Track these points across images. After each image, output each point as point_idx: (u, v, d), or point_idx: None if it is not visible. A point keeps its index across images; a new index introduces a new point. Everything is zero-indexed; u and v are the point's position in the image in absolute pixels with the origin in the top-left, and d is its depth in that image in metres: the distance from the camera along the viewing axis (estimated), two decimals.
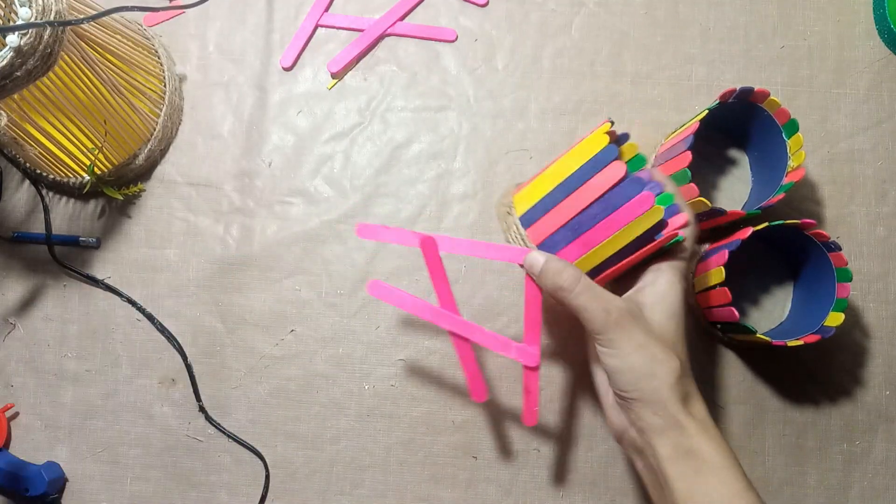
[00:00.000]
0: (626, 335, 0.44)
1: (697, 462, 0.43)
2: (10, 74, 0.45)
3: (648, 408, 0.44)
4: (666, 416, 0.43)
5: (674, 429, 0.43)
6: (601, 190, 0.46)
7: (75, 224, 0.63)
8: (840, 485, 0.59)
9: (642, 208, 0.44)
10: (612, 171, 0.45)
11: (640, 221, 0.45)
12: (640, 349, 0.44)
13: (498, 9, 0.66)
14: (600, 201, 0.46)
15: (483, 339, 0.50)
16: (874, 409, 0.60)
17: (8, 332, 0.62)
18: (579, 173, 0.47)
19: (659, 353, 0.44)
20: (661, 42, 0.65)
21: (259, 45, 0.66)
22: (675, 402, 0.43)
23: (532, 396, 0.51)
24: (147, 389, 0.61)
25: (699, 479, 0.42)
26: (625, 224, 0.45)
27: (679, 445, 0.43)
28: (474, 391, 0.52)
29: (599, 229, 0.46)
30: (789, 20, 0.65)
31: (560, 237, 0.47)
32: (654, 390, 0.43)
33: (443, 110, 0.65)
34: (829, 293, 0.54)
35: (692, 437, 0.43)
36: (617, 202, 0.45)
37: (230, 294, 0.62)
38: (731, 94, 0.55)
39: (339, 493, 0.60)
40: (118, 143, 0.59)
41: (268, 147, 0.64)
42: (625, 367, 0.44)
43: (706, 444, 0.43)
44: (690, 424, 0.43)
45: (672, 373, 0.43)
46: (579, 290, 0.45)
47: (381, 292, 0.51)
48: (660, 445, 0.43)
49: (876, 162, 0.63)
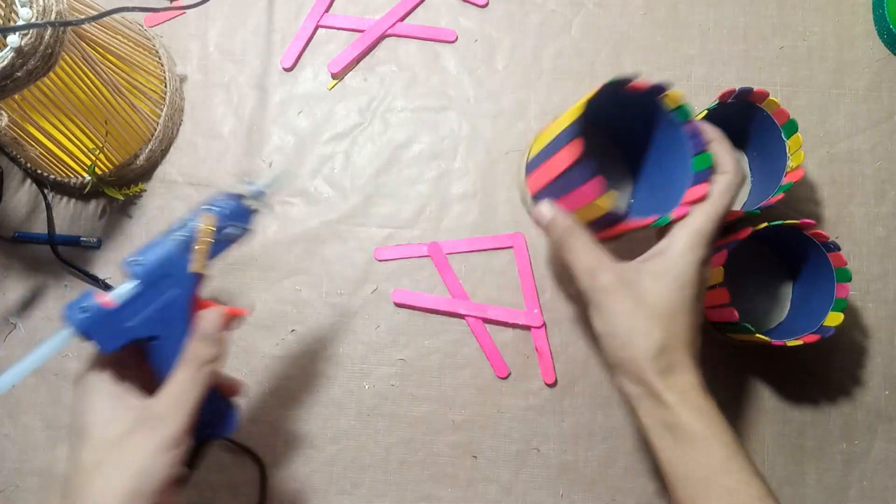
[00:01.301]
0: (610, 300, 0.44)
1: (677, 434, 0.42)
2: (10, 75, 0.45)
3: (626, 376, 0.44)
4: (644, 387, 0.43)
5: (651, 399, 0.43)
6: (560, 168, 0.45)
7: (76, 224, 0.63)
8: (839, 484, 0.59)
9: (593, 194, 0.44)
10: (568, 151, 0.44)
11: (592, 206, 0.45)
12: (623, 315, 0.43)
13: (498, 9, 0.66)
14: (562, 177, 0.46)
15: (495, 315, 0.60)
16: (873, 408, 0.60)
17: (9, 332, 0.62)
18: (554, 142, 0.47)
19: (641, 324, 0.43)
20: (660, 42, 0.65)
21: (260, 45, 0.66)
22: (654, 374, 0.42)
23: (545, 355, 0.60)
24: None
25: (679, 450, 0.43)
26: (580, 205, 0.45)
27: (658, 417, 0.43)
28: (496, 367, 0.60)
29: (568, 201, 0.47)
30: (789, 20, 0.66)
31: (545, 194, 0.48)
32: (630, 360, 0.43)
33: (443, 110, 0.65)
34: (828, 293, 0.54)
35: (670, 408, 0.42)
36: (573, 182, 0.45)
37: (230, 294, 0.62)
38: (730, 94, 0.55)
39: (339, 492, 0.60)
40: (119, 143, 0.59)
41: (268, 147, 0.64)
42: (605, 332, 0.44)
43: (687, 416, 0.42)
44: (670, 397, 0.42)
45: (653, 345, 0.43)
46: (576, 244, 0.45)
47: (404, 298, 0.61)
48: (641, 415, 0.44)
49: (875, 162, 0.63)
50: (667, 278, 0.44)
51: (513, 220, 0.62)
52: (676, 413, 0.42)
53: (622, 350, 0.44)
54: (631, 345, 0.43)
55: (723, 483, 0.41)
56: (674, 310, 0.44)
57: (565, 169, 0.45)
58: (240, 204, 0.45)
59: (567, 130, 0.45)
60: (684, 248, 0.44)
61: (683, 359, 0.44)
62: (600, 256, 0.45)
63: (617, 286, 0.44)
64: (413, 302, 0.61)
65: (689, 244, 0.44)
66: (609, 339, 0.44)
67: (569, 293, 0.61)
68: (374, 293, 0.62)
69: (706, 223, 0.44)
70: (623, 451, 0.59)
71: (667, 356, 0.43)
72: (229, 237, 0.45)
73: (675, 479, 0.43)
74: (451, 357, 0.61)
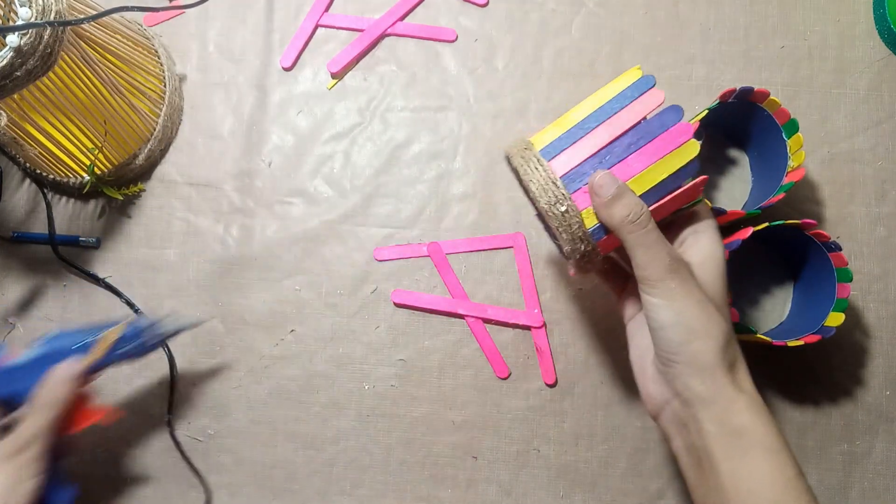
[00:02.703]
0: (685, 286, 0.40)
1: (746, 441, 0.39)
2: (10, 74, 0.45)
3: (696, 374, 0.40)
4: (714, 386, 0.40)
5: (721, 401, 0.40)
6: (640, 115, 0.42)
7: (75, 224, 0.63)
8: (840, 485, 0.59)
9: (682, 137, 0.41)
10: (651, 96, 0.43)
11: (678, 153, 0.42)
12: (697, 304, 0.40)
13: (498, 9, 0.66)
14: (637, 129, 0.43)
15: (495, 315, 0.60)
16: (874, 409, 0.60)
17: (8, 332, 0.62)
18: (614, 101, 0.44)
19: (714, 312, 0.40)
20: (661, 42, 0.65)
21: (259, 45, 0.66)
22: (723, 370, 0.40)
23: (545, 355, 0.59)
24: (147, 389, 0.61)
25: (747, 460, 0.39)
26: (663, 155, 0.42)
27: (726, 422, 0.39)
28: (496, 368, 0.59)
29: (633, 160, 0.42)
30: (789, 20, 0.65)
31: (588, 167, 0.43)
32: (703, 352, 0.40)
33: (443, 110, 0.65)
34: (829, 293, 0.54)
35: (741, 412, 0.39)
36: (655, 130, 0.42)
37: (230, 294, 0.62)
38: (731, 93, 0.55)
39: (339, 492, 0.59)
40: (118, 143, 0.59)
41: (268, 147, 0.64)
42: (678, 322, 0.40)
43: (756, 423, 0.39)
44: (739, 399, 0.39)
45: (724, 334, 0.40)
46: (651, 226, 0.41)
47: (403, 298, 0.60)
48: (706, 420, 0.40)
49: (876, 162, 0.63)
50: (712, 267, 0.43)
51: (513, 220, 0.62)
52: (747, 419, 0.39)
53: (696, 341, 0.40)
54: (705, 334, 0.40)
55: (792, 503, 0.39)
56: (722, 300, 0.43)
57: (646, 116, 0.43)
58: (142, 335, 0.52)
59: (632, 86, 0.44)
60: (714, 238, 0.44)
61: (740, 352, 0.42)
62: (669, 246, 0.42)
63: (689, 275, 0.41)
64: (413, 302, 0.61)
65: (716, 236, 0.44)
66: (678, 331, 0.40)
67: (574, 289, 0.61)
68: (373, 293, 0.62)
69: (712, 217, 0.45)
70: (624, 451, 0.59)
71: (731, 349, 0.41)
72: (122, 355, 0.51)
73: (735, 493, 0.39)
74: (451, 357, 0.61)
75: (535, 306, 0.60)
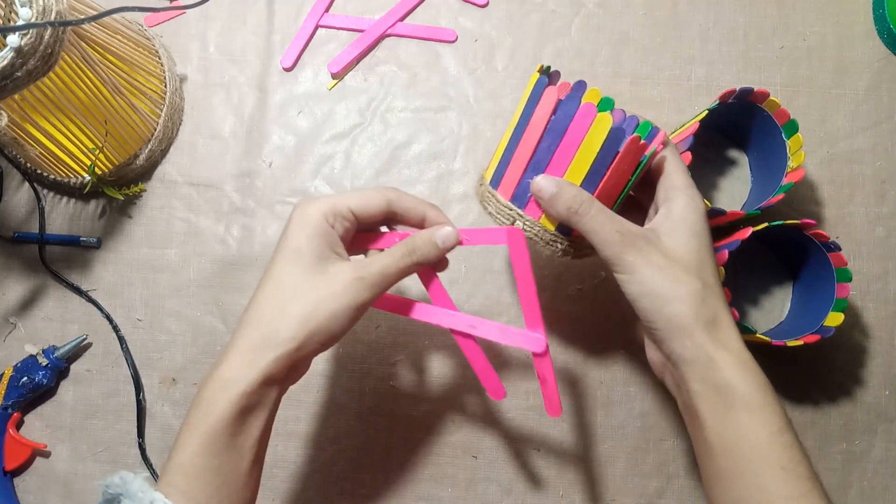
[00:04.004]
0: (642, 256, 0.42)
1: (729, 398, 0.40)
2: (10, 75, 0.45)
3: (675, 338, 0.41)
4: (693, 345, 0.41)
5: (703, 360, 0.40)
6: (545, 119, 0.45)
7: (76, 224, 0.63)
8: (839, 485, 0.59)
9: (588, 119, 0.43)
10: (546, 97, 0.45)
11: (592, 135, 0.43)
12: (659, 270, 0.41)
13: (498, 9, 0.66)
14: (548, 131, 0.45)
15: (484, 331, 0.47)
16: (874, 408, 0.60)
17: (8, 332, 0.62)
18: (523, 116, 0.46)
19: (679, 275, 0.41)
20: (660, 42, 0.65)
21: (259, 45, 0.66)
22: (702, 328, 0.41)
23: (549, 385, 0.48)
24: (147, 389, 0.61)
25: (730, 417, 0.40)
26: (579, 143, 0.44)
27: (709, 380, 0.40)
28: (490, 390, 0.49)
29: (558, 159, 0.45)
30: (789, 20, 0.66)
31: (525, 183, 0.46)
32: (676, 315, 0.41)
33: (443, 111, 0.65)
34: (828, 293, 0.54)
35: (722, 370, 0.40)
36: (562, 124, 0.44)
37: (231, 294, 0.62)
38: (730, 94, 0.55)
39: (339, 492, 0.60)
40: (119, 143, 0.59)
41: (268, 147, 0.64)
42: (644, 291, 0.41)
43: (738, 379, 0.40)
44: (721, 356, 0.40)
45: (694, 293, 0.41)
46: (594, 212, 0.43)
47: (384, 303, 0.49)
48: (691, 379, 0.41)
49: (875, 162, 0.63)
50: (682, 230, 0.43)
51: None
52: (730, 375, 0.40)
53: (666, 306, 0.41)
54: (674, 298, 0.41)
55: (776, 458, 0.39)
56: (700, 258, 0.43)
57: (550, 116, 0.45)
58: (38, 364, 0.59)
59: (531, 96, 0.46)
60: (687, 199, 0.44)
61: (723, 308, 0.42)
62: (618, 217, 0.43)
63: (645, 244, 0.42)
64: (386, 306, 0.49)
65: (689, 195, 0.45)
66: (648, 300, 0.42)
67: (573, 290, 0.61)
68: None
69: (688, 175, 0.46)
70: (623, 451, 0.59)
71: (708, 306, 0.41)
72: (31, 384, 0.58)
73: (722, 451, 0.40)
74: (450, 357, 0.61)
75: (538, 324, 0.47)
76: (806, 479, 0.39)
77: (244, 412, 0.40)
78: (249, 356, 0.40)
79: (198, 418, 0.39)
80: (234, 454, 0.40)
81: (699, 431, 0.42)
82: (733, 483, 0.40)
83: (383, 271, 0.43)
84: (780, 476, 0.38)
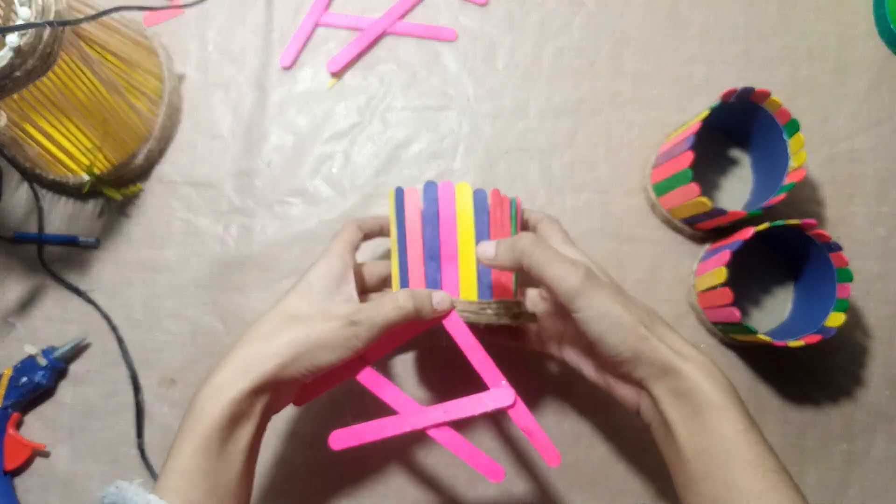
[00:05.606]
0: (601, 290, 0.42)
1: (695, 404, 0.41)
2: (9, 74, 0.45)
3: (642, 362, 0.42)
4: (661, 363, 0.42)
5: (671, 374, 0.42)
6: (417, 212, 0.49)
7: (74, 224, 0.63)
8: (840, 484, 0.59)
9: (450, 192, 0.49)
10: (409, 196, 0.50)
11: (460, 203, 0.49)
12: (616, 301, 0.42)
13: (498, 8, 0.66)
14: (425, 221, 0.49)
15: (457, 412, 0.47)
16: (874, 408, 0.60)
17: (8, 332, 0.62)
18: (398, 225, 0.50)
19: (626, 301, 0.43)
20: (661, 42, 0.65)
21: (258, 44, 0.65)
22: (664, 346, 0.42)
23: (536, 435, 0.46)
24: (147, 389, 0.61)
25: (698, 421, 0.41)
26: (454, 214, 0.49)
27: (676, 389, 0.42)
28: (487, 473, 0.47)
29: (445, 236, 0.49)
30: (789, 20, 0.65)
31: (431, 272, 0.49)
32: (641, 340, 0.42)
33: (443, 110, 0.65)
34: (829, 293, 0.54)
35: (689, 377, 0.41)
36: (433, 208, 0.49)
37: (230, 294, 0.62)
38: (731, 94, 0.55)
39: (339, 493, 0.59)
40: (117, 142, 0.59)
41: (267, 147, 0.64)
42: (612, 324, 0.42)
43: (701, 385, 0.41)
44: (686, 366, 0.42)
45: (644, 316, 0.43)
46: (540, 250, 0.44)
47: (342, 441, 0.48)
48: (661, 393, 0.42)
49: (876, 162, 0.63)
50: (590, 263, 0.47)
51: None
52: (694, 380, 0.41)
53: (629, 336, 0.42)
54: (635, 324, 0.42)
55: (743, 456, 0.40)
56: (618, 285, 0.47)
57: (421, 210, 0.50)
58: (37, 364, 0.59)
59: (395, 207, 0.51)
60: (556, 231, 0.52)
61: (657, 319, 0.44)
62: (566, 257, 0.44)
63: (594, 273, 0.43)
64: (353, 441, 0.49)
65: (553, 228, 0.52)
66: (616, 333, 0.42)
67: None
68: None
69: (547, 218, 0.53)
70: (624, 451, 0.59)
71: (655, 323, 0.44)
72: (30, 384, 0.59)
73: (694, 455, 0.41)
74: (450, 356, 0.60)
75: (498, 377, 0.47)
76: (773, 473, 0.39)
77: (234, 419, 0.42)
78: (242, 367, 0.43)
79: (192, 423, 0.42)
80: (225, 460, 0.42)
81: (671, 443, 0.43)
82: (705, 484, 0.40)
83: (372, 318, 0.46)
84: (749, 472, 0.39)
